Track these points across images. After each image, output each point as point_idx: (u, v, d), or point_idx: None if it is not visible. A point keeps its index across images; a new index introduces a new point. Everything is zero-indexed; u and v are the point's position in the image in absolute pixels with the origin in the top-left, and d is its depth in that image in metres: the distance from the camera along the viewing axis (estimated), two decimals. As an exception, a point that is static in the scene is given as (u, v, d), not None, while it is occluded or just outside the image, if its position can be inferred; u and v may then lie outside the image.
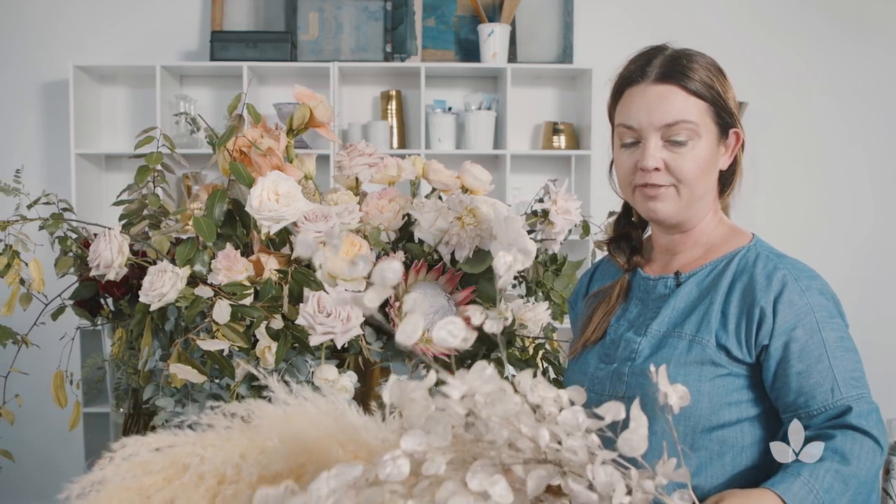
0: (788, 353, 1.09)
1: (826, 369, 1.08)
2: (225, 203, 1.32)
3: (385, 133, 3.31)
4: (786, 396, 1.10)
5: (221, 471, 0.90)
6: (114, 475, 0.89)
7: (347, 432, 0.98)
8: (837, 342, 1.10)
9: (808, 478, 1.01)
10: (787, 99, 3.50)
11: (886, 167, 3.61)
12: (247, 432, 0.97)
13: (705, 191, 1.18)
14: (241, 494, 0.91)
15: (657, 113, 1.13)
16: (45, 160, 3.33)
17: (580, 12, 3.46)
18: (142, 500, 0.87)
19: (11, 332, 1.40)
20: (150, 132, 1.33)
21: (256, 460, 0.93)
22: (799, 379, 1.08)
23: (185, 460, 0.91)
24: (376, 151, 1.50)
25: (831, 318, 1.11)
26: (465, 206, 1.38)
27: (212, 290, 1.17)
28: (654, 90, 1.14)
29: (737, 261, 1.17)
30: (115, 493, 0.87)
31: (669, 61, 1.15)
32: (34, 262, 1.33)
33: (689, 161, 1.14)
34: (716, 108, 1.16)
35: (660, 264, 1.25)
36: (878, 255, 3.61)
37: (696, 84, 1.14)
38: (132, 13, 3.39)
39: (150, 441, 0.92)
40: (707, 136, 1.15)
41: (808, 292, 1.11)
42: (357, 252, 1.29)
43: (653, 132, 1.14)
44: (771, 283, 1.11)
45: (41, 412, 2.47)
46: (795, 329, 1.09)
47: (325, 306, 1.18)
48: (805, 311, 1.10)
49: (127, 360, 1.56)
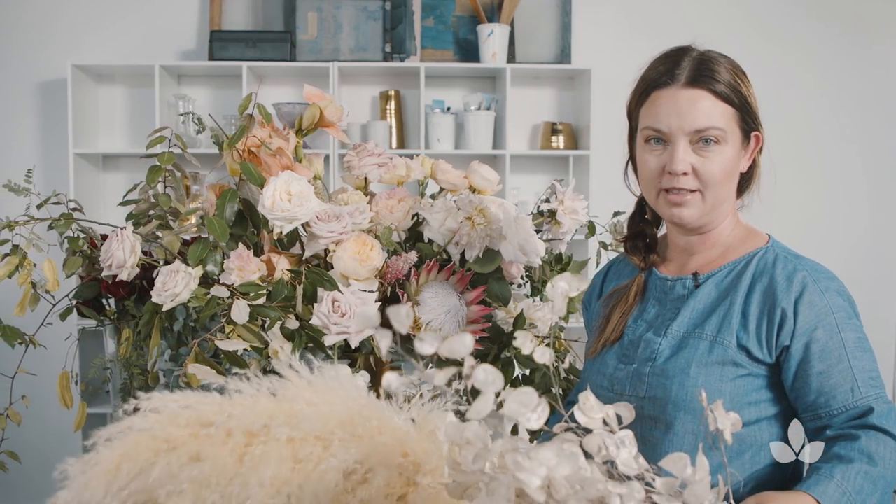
0: (809, 354, 1.10)
1: (846, 369, 1.09)
2: (236, 203, 1.32)
3: (384, 133, 3.31)
4: (806, 397, 1.11)
5: (249, 429, 0.86)
6: (140, 424, 0.85)
7: (371, 408, 0.95)
8: (856, 342, 1.11)
9: (841, 480, 1.02)
10: (781, 99, 3.51)
11: (882, 168, 3.64)
12: (273, 399, 0.93)
13: (728, 194, 1.20)
14: (269, 456, 0.87)
15: (688, 118, 1.13)
16: (43, 160, 3.32)
17: (578, 13, 3.47)
18: (167, 451, 0.84)
19: (20, 332, 1.39)
20: (161, 132, 1.33)
21: (285, 421, 0.90)
22: (819, 379, 1.10)
23: (212, 417, 0.88)
24: (385, 152, 1.50)
25: (849, 319, 1.13)
26: (475, 206, 1.39)
27: (228, 290, 1.17)
28: (685, 95, 1.14)
29: (755, 262, 1.18)
30: (141, 440, 0.84)
31: (698, 64, 1.15)
32: (48, 263, 1.33)
33: (716, 165, 1.15)
34: (741, 113, 1.17)
35: (676, 264, 1.25)
36: (874, 256, 3.64)
37: (724, 88, 1.14)
38: (130, 12, 3.38)
39: (177, 398, 0.88)
40: (732, 141, 1.16)
41: (828, 293, 1.12)
42: (369, 251, 1.29)
43: (682, 136, 1.14)
44: (791, 285, 1.12)
45: (40, 413, 2.46)
46: (816, 330, 1.10)
47: (340, 306, 1.18)
48: (825, 312, 1.11)
49: (135, 361, 1.55)
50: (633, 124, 1.24)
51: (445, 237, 1.39)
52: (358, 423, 0.88)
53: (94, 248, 1.45)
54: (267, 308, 1.17)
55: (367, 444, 0.87)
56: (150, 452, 0.83)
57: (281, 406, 0.90)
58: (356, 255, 1.27)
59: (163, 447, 0.83)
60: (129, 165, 3.43)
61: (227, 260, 1.26)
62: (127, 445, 0.83)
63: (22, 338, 1.42)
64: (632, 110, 1.23)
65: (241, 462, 0.85)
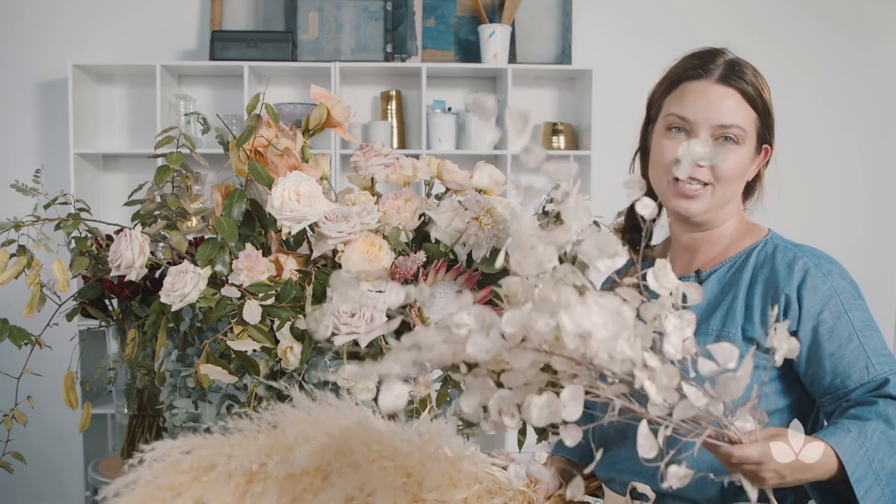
0: (818, 336, 1.11)
1: (857, 348, 1.10)
2: (244, 203, 1.32)
3: (385, 133, 3.32)
4: (821, 380, 1.11)
5: (248, 468, 0.93)
6: (145, 475, 0.92)
7: (371, 433, 0.99)
8: (864, 322, 1.12)
9: (858, 435, 1.02)
10: (781, 100, 3.51)
11: (881, 168, 3.65)
12: (272, 433, 1.00)
13: (734, 195, 1.22)
14: (269, 492, 0.93)
15: (716, 111, 1.17)
16: (43, 160, 3.31)
17: (579, 13, 3.48)
18: (172, 498, 0.90)
19: (27, 333, 1.39)
20: (169, 132, 1.33)
21: (283, 458, 0.95)
22: (832, 360, 1.10)
23: (213, 460, 0.93)
24: (392, 152, 1.50)
25: (855, 300, 1.14)
26: (482, 206, 1.39)
27: (238, 290, 1.17)
28: (716, 90, 1.18)
29: (755, 254, 1.20)
30: (147, 492, 0.90)
31: (732, 65, 1.20)
32: (58, 263, 1.32)
33: (732, 163, 1.18)
34: (763, 120, 1.21)
35: (681, 263, 1.27)
36: (872, 256, 3.65)
37: (752, 92, 1.19)
38: (131, 12, 3.38)
39: (179, 444, 0.95)
40: (749, 144, 1.20)
41: (830, 276, 1.13)
42: (378, 252, 1.29)
43: (706, 128, 1.17)
44: (793, 271, 1.14)
45: (40, 413, 2.45)
46: (822, 312, 1.11)
47: (349, 306, 1.18)
48: (829, 295, 1.12)
49: (141, 362, 1.55)
50: (652, 113, 1.26)
51: (452, 237, 1.39)
52: (357, 450, 0.93)
53: (99, 248, 1.45)
54: (276, 308, 1.17)
55: (366, 470, 0.93)
56: (157, 502, 0.88)
57: (279, 441, 0.95)
58: (365, 256, 1.27)
59: (168, 495, 0.89)
60: (129, 165, 3.42)
61: (236, 260, 1.26)
62: (135, 499, 0.88)
63: (28, 338, 1.42)
64: (655, 99, 1.25)
65: (242, 501, 0.91)
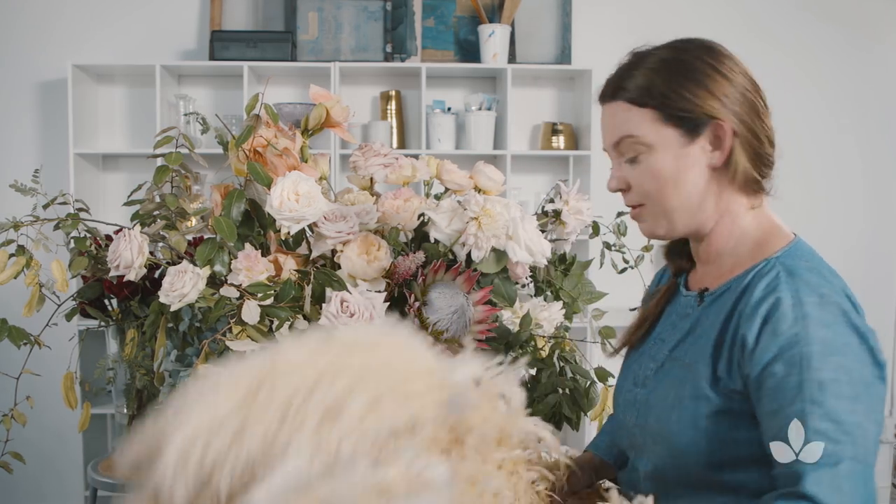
0: (762, 390, 0.93)
1: (798, 416, 0.90)
2: (243, 203, 1.32)
3: (385, 133, 3.32)
4: (764, 439, 0.94)
5: None
6: None
7: None
8: (828, 387, 0.90)
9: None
10: (780, 100, 3.52)
11: (880, 168, 3.65)
12: None
13: (682, 201, 1.05)
14: None
15: (605, 134, 1.09)
16: (43, 160, 3.31)
17: (579, 13, 3.48)
18: None
19: (26, 333, 1.39)
20: (169, 132, 1.33)
21: None
22: (768, 421, 0.93)
23: None
24: (391, 152, 1.50)
25: (827, 358, 0.91)
26: (481, 206, 1.39)
27: (237, 290, 1.17)
28: (605, 110, 1.09)
29: (749, 279, 1.01)
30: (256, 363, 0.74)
31: (616, 77, 1.07)
32: (57, 263, 1.32)
33: (645, 175, 1.05)
34: (665, 111, 1.03)
35: (697, 277, 1.15)
36: (872, 256, 3.65)
37: (633, 93, 1.04)
38: (131, 12, 3.38)
39: None
40: (663, 144, 1.03)
41: (804, 322, 0.92)
42: (377, 252, 1.29)
43: (613, 153, 1.09)
44: (759, 308, 0.96)
45: (39, 413, 2.45)
46: (774, 363, 0.92)
47: (349, 306, 1.18)
48: (790, 343, 0.92)
49: (140, 362, 1.55)
50: None
51: (452, 237, 1.39)
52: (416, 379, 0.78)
53: (99, 248, 1.45)
54: (275, 308, 1.17)
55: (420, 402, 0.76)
56: None
57: None
58: (364, 255, 1.27)
59: None
60: (129, 165, 3.43)
61: (235, 260, 1.26)
62: None
63: (28, 338, 1.42)
64: None
65: None
